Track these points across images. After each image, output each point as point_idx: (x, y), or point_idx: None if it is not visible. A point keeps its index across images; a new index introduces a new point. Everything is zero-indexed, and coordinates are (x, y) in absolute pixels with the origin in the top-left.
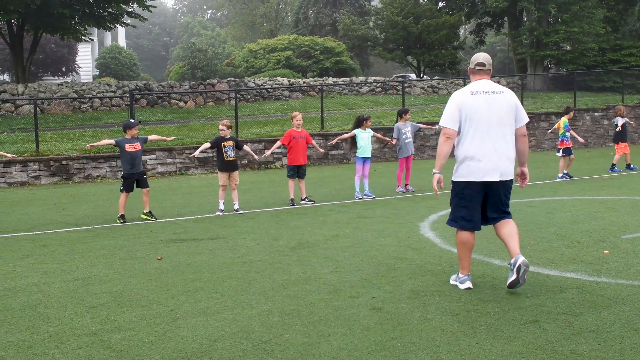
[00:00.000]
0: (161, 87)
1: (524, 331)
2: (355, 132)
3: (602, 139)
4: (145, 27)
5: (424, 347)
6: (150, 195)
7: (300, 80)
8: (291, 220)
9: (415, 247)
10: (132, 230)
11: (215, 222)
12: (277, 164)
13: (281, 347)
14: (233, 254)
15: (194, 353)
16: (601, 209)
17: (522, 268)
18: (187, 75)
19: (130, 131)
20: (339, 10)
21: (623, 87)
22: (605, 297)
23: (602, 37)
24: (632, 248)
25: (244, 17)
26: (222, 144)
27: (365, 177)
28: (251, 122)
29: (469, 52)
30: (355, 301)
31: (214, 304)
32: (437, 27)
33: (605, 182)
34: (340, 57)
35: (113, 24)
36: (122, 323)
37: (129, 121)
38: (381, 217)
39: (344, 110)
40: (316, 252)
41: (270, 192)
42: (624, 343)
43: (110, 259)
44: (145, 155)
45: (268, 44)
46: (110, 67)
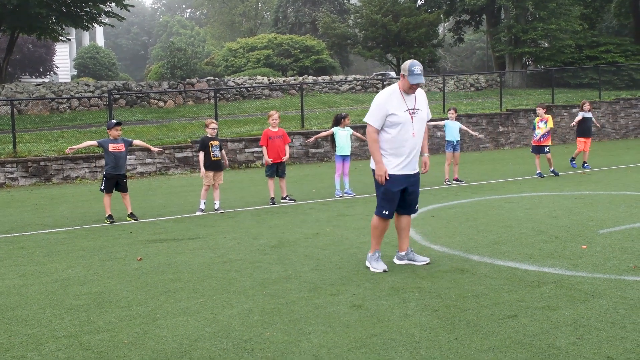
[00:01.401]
0: (140, 87)
1: (502, 326)
2: (334, 130)
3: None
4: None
5: (403, 343)
6: (130, 196)
7: (280, 79)
8: (272, 219)
9: (395, 244)
10: (111, 231)
11: (196, 222)
12: (257, 163)
13: (261, 346)
14: (213, 254)
15: (174, 353)
16: (579, 204)
17: None
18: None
19: (110, 132)
20: (319, 9)
21: (600, 84)
22: (582, 291)
23: (579, 34)
24: (608, 242)
25: (223, 16)
26: (209, 143)
27: (345, 175)
28: (231, 121)
29: (448, 50)
30: (336, 299)
31: (194, 304)
32: (416, 25)
33: (583, 177)
34: (320, 55)
35: (91, 24)
36: (101, 324)
37: (109, 122)
38: (362, 215)
39: (324, 108)
40: (297, 250)
41: (250, 192)
42: (600, 336)
43: (90, 260)
44: None
45: (248, 42)
46: (88, 67)
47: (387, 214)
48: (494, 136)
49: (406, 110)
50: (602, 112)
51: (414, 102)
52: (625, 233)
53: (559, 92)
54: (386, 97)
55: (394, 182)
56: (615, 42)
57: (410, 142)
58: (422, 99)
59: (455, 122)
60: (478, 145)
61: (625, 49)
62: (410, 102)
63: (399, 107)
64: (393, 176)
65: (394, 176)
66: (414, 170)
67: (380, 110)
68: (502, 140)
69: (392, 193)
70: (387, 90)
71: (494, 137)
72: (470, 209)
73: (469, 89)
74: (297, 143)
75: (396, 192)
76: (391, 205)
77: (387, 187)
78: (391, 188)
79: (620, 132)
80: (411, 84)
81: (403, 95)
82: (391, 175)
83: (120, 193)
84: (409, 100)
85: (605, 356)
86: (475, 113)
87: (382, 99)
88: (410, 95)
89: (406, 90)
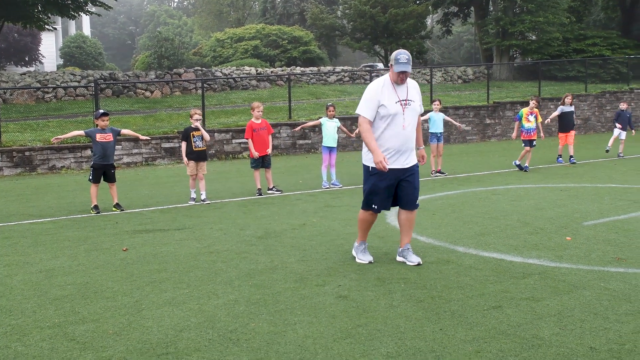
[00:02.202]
0: (127, 77)
1: (487, 317)
2: (322, 121)
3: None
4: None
5: (389, 333)
6: (116, 186)
7: (268, 70)
8: (258, 210)
9: (381, 235)
10: (97, 221)
11: (182, 213)
12: (244, 154)
13: (247, 336)
14: (200, 244)
15: (159, 343)
16: (564, 197)
17: None
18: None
19: (97, 121)
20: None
21: (586, 77)
22: (566, 282)
23: (566, 27)
24: (593, 234)
25: (211, 6)
26: (191, 133)
27: (332, 167)
28: (218, 111)
29: (437, 42)
30: (322, 289)
31: (180, 294)
32: (404, 16)
33: (569, 170)
34: (308, 46)
35: (77, 13)
36: (86, 315)
37: (97, 112)
38: (348, 206)
39: (311, 99)
40: (283, 241)
41: (237, 182)
42: (583, 327)
43: (75, 251)
44: None
45: (235, 33)
46: (74, 57)
47: (376, 208)
48: (481, 128)
49: (397, 102)
50: (588, 105)
51: (405, 93)
52: (610, 225)
53: (545, 85)
54: (377, 88)
55: (382, 177)
56: (602, 36)
57: (401, 135)
58: (414, 91)
59: (439, 113)
60: (465, 137)
61: (612, 42)
62: (401, 93)
63: (389, 98)
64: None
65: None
66: (407, 164)
67: (371, 101)
68: (489, 133)
69: (380, 188)
70: (378, 81)
71: (481, 130)
72: (457, 201)
73: (456, 81)
74: (284, 134)
75: (384, 188)
76: (380, 199)
77: (374, 181)
78: (378, 183)
79: (606, 125)
80: (397, 73)
81: (394, 86)
82: (375, 169)
83: (108, 183)
84: (400, 91)
85: (588, 346)
86: (463, 105)
87: (374, 90)
88: (402, 86)
89: (396, 81)
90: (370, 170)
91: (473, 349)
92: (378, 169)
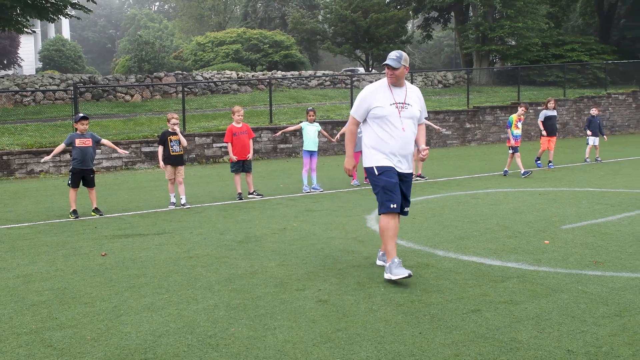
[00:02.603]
0: (107, 80)
1: (466, 320)
2: (302, 125)
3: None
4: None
5: (368, 338)
6: (96, 191)
7: (249, 74)
8: (239, 214)
9: (362, 239)
10: (75, 226)
11: (162, 217)
12: (225, 158)
13: (226, 342)
14: (179, 249)
15: (138, 349)
16: (542, 200)
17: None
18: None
19: (77, 125)
20: (288, 4)
21: (565, 82)
22: (544, 285)
23: (545, 33)
24: (571, 238)
25: (192, 10)
26: (168, 138)
27: (313, 171)
28: (199, 115)
29: (417, 47)
30: (302, 294)
31: (159, 300)
32: (385, 21)
33: (547, 174)
34: (290, 50)
35: (56, 16)
36: (63, 320)
37: (76, 115)
38: (329, 210)
39: (292, 103)
40: (263, 245)
41: (218, 186)
42: (561, 330)
43: (53, 256)
44: None
45: (216, 37)
46: (54, 60)
47: (394, 207)
48: (461, 133)
49: (393, 104)
50: (567, 109)
51: (403, 97)
52: (587, 229)
53: (525, 90)
54: (371, 90)
55: (390, 173)
56: (580, 41)
57: (398, 139)
58: (413, 95)
59: None
60: (445, 141)
61: (590, 48)
62: (398, 96)
63: (384, 100)
64: (385, 167)
65: (386, 167)
66: (404, 170)
67: (362, 102)
68: (469, 137)
69: (392, 183)
70: (374, 84)
71: (461, 134)
72: (437, 205)
73: (436, 85)
74: (265, 138)
75: (396, 183)
76: (395, 196)
77: (385, 178)
78: (389, 178)
79: (584, 130)
80: (385, 68)
81: (391, 88)
82: (383, 167)
83: (87, 188)
84: (397, 94)
85: (566, 349)
86: (443, 110)
87: (367, 91)
88: (400, 88)
89: (393, 83)
90: (376, 171)
91: (452, 353)
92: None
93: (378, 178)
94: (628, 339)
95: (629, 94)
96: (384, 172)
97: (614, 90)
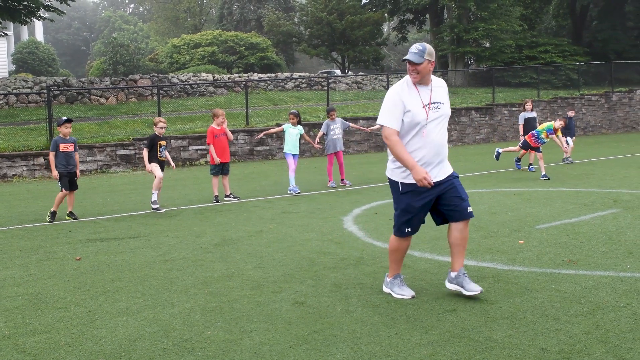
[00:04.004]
0: (81, 83)
1: (442, 320)
2: (284, 127)
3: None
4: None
5: (344, 339)
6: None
7: (225, 76)
8: (215, 217)
9: (338, 241)
10: (49, 230)
11: (137, 221)
12: (201, 161)
13: (202, 345)
14: (155, 253)
15: (113, 354)
16: (517, 201)
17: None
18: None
19: (60, 128)
20: (264, 6)
21: (539, 83)
22: (519, 285)
23: (519, 35)
24: (545, 237)
25: (167, 12)
26: (157, 142)
27: (293, 172)
28: (175, 118)
29: (393, 49)
30: (278, 296)
31: (134, 304)
32: (360, 23)
33: (522, 174)
34: (266, 52)
35: (29, 18)
36: (37, 326)
37: (60, 118)
38: (305, 212)
39: (269, 106)
40: (240, 248)
41: (194, 189)
42: (535, 328)
43: (26, 261)
44: None
45: (192, 39)
46: (27, 63)
47: (409, 231)
48: None
49: (423, 107)
50: (541, 110)
51: (429, 96)
52: (561, 228)
53: (499, 91)
54: (401, 91)
55: (417, 195)
56: (553, 43)
57: (431, 145)
58: (441, 91)
59: None
60: None
61: (563, 50)
62: (426, 96)
63: (414, 103)
64: (412, 185)
65: (412, 185)
66: (442, 175)
67: (396, 107)
68: None
69: (415, 208)
70: (399, 83)
71: None
72: None
73: None
74: (241, 140)
75: (420, 207)
76: (415, 221)
77: (408, 201)
78: (413, 203)
79: None
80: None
81: (417, 87)
82: (409, 185)
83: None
84: (424, 94)
85: (540, 348)
86: None
87: (397, 93)
88: (426, 87)
89: (418, 81)
90: (401, 189)
91: (428, 353)
92: (420, 186)
93: (400, 198)
94: (601, 337)
95: (601, 95)
96: (409, 193)
97: (587, 91)
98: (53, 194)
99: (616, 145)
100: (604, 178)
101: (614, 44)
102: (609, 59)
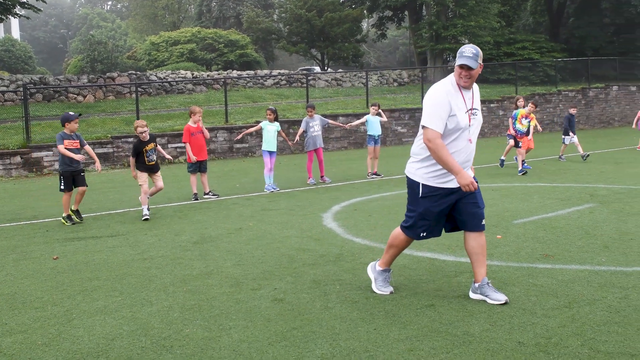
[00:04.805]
0: (58, 81)
1: (420, 315)
2: (262, 125)
3: (498, 129)
4: (41, 18)
5: (323, 335)
6: (46, 194)
7: (204, 74)
8: (194, 215)
9: (318, 237)
10: (26, 230)
11: (115, 219)
12: (180, 159)
13: (181, 343)
14: (133, 251)
15: (90, 353)
16: (495, 196)
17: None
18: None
19: (69, 125)
20: (243, 3)
21: (517, 79)
22: (496, 279)
23: (497, 31)
24: (522, 232)
25: (146, 9)
26: (143, 149)
27: (271, 171)
28: (153, 116)
29: (372, 46)
30: (257, 293)
31: (112, 302)
32: (340, 20)
33: (500, 170)
34: (245, 50)
35: (5, 15)
36: (13, 326)
37: (68, 114)
38: (285, 210)
39: (248, 103)
40: (219, 246)
41: (173, 187)
42: (512, 322)
43: (2, 261)
44: (41, 152)
45: (171, 36)
46: (3, 61)
47: (424, 235)
48: (416, 130)
49: (466, 112)
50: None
51: (471, 101)
52: (538, 223)
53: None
54: (443, 93)
55: (435, 199)
56: (531, 39)
57: (465, 151)
58: (478, 97)
59: (376, 116)
60: (400, 139)
61: (541, 46)
62: (469, 100)
63: (458, 107)
64: (433, 189)
65: (433, 189)
66: None
67: (442, 108)
68: None
69: (433, 214)
70: (443, 83)
71: (416, 132)
72: (392, 202)
73: (392, 84)
74: (221, 138)
75: (438, 213)
76: (431, 227)
77: (428, 206)
78: (432, 208)
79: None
80: (458, 67)
81: (462, 91)
82: (431, 188)
83: (79, 188)
84: (467, 98)
85: (517, 341)
86: (398, 107)
87: (443, 93)
88: (468, 92)
89: (460, 82)
90: (421, 192)
91: (406, 348)
92: (465, 191)
93: (420, 201)
94: (577, 330)
95: (578, 91)
96: (429, 197)
97: (564, 87)
98: (30, 193)
99: (593, 141)
100: (581, 173)
101: (591, 40)
102: (586, 55)
